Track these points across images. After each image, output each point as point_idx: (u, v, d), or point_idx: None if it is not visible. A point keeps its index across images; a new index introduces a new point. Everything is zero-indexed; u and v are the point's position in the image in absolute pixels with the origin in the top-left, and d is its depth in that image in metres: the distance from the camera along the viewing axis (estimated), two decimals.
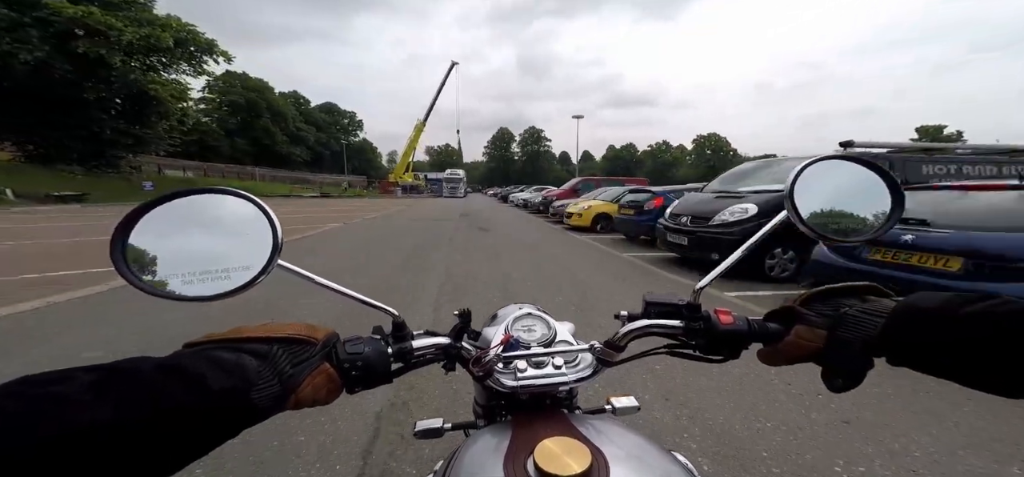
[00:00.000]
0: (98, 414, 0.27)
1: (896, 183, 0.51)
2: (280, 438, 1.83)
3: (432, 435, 0.64)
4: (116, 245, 0.40)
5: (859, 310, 0.43)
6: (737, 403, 2.18)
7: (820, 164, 0.52)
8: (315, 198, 35.08)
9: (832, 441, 1.87)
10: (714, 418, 2.05)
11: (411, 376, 0.65)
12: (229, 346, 0.37)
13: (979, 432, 1.95)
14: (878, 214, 0.51)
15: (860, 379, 0.44)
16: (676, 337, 0.53)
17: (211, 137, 51.94)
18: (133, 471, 0.28)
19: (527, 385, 0.51)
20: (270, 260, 0.44)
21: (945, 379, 0.38)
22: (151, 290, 0.40)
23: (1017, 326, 0.34)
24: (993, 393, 0.36)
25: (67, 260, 5.83)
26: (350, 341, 0.45)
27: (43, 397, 0.27)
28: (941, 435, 1.93)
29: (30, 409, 0.26)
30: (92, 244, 7.31)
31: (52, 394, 0.27)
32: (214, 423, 0.32)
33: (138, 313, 3.47)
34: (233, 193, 0.46)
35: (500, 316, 0.64)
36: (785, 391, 2.29)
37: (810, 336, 0.45)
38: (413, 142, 50.75)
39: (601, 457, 0.39)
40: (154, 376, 0.31)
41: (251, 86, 58.49)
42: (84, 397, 0.27)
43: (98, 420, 0.27)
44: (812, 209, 0.50)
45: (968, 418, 2.06)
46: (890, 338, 0.40)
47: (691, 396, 2.25)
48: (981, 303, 0.37)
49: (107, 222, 8.29)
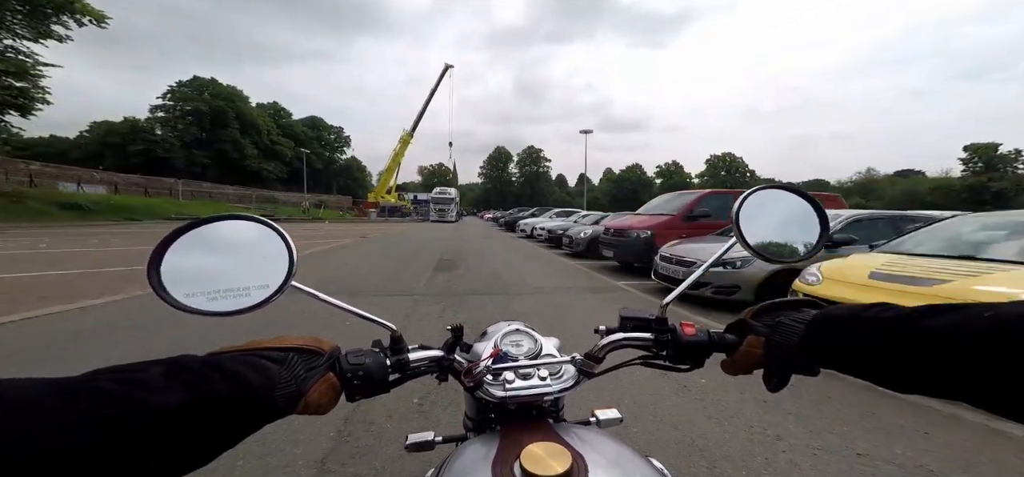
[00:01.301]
0: (168, 398, 0.31)
1: (823, 211, 0.59)
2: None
3: (424, 448, 0.66)
4: (152, 265, 0.45)
5: (790, 319, 0.48)
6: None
7: (760, 193, 0.59)
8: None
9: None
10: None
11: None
12: (253, 353, 0.41)
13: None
14: (808, 238, 0.58)
15: (788, 379, 0.49)
16: (648, 349, 0.57)
17: (161, 147, 44.95)
18: (185, 453, 0.32)
19: (514, 395, 0.54)
20: (285, 280, 0.49)
21: (858, 377, 0.42)
22: (180, 306, 0.44)
23: (898, 329, 0.38)
24: (889, 389, 0.40)
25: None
26: (352, 353, 0.48)
27: (127, 381, 0.31)
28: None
29: (116, 391, 0.30)
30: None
31: (133, 379, 0.31)
32: (246, 415, 0.36)
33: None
34: (256, 220, 0.51)
35: (490, 332, 0.66)
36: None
37: (756, 343, 0.50)
38: (398, 156, 43.58)
39: (581, 461, 0.42)
40: (205, 370, 0.35)
41: (220, 93, 51.97)
42: (156, 382, 0.32)
43: (167, 403, 0.31)
44: (754, 232, 0.56)
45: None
46: (809, 343, 0.45)
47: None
48: (874, 310, 0.41)
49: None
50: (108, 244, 11.54)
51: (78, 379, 0.30)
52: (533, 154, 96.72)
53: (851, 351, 0.42)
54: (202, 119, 49.76)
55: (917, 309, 0.38)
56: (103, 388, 0.30)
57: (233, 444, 0.36)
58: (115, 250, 10.29)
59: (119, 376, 0.31)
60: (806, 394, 2.62)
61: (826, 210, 0.59)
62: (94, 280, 6.30)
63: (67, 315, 4.33)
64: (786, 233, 0.58)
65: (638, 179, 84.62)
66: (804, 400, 2.56)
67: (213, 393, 0.34)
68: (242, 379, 0.37)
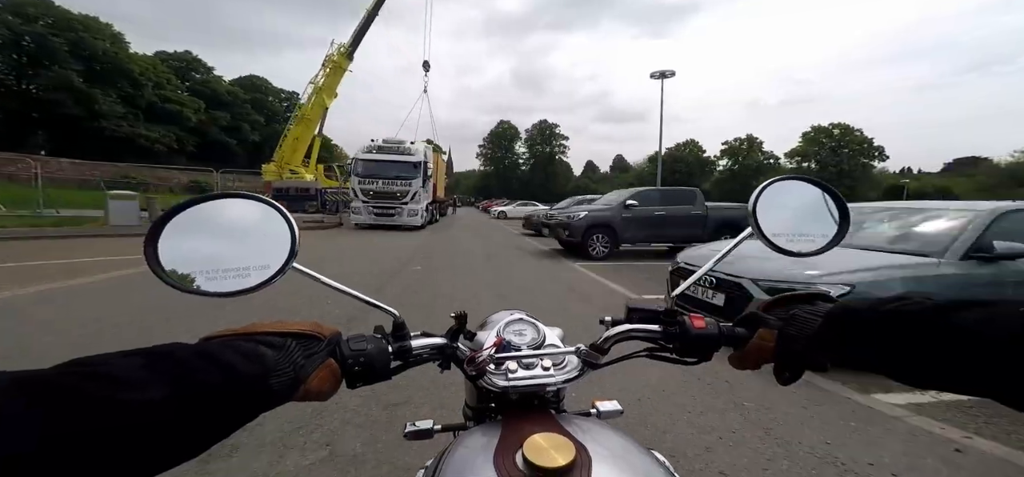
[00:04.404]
0: (148, 392, 0.29)
1: (843, 201, 0.58)
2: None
3: (422, 436, 0.65)
4: (149, 244, 0.42)
5: (805, 312, 0.47)
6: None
7: (778, 183, 0.58)
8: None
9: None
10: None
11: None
12: (249, 338, 0.40)
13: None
14: (828, 230, 0.57)
15: (800, 373, 0.48)
16: (655, 341, 0.57)
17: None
18: (172, 446, 0.30)
19: (517, 385, 0.53)
20: (287, 261, 0.47)
21: (875, 372, 0.41)
22: (178, 285, 0.43)
23: (925, 324, 0.37)
24: (908, 384, 0.39)
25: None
26: (353, 338, 0.47)
27: (100, 376, 0.28)
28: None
29: (87, 387, 0.27)
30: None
31: (106, 374, 0.29)
32: (238, 405, 0.35)
33: None
34: (257, 199, 0.49)
35: (493, 321, 0.65)
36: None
37: (768, 337, 0.49)
38: (322, 93, 21.58)
39: (585, 452, 0.41)
40: (191, 360, 0.33)
41: (61, 22, 32.00)
42: (134, 376, 0.29)
43: (148, 398, 0.29)
44: (771, 224, 0.56)
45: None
46: (827, 336, 0.44)
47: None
48: (895, 303, 0.40)
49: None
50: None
51: (47, 373, 0.27)
52: (545, 130, 76.27)
53: (871, 345, 0.41)
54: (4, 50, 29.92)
55: (946, 304, 0.38)
56: (68, 385, 0.27)
57: (226, 435, 0.34)
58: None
59: (89, 371, 0.29)
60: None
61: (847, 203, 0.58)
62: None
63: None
64: (805, 225, 0.57)
65: (694, 158, 64.27)
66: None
67: (200, 384, 0.32)
68: (233, 368, 0.35)
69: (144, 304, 4.10)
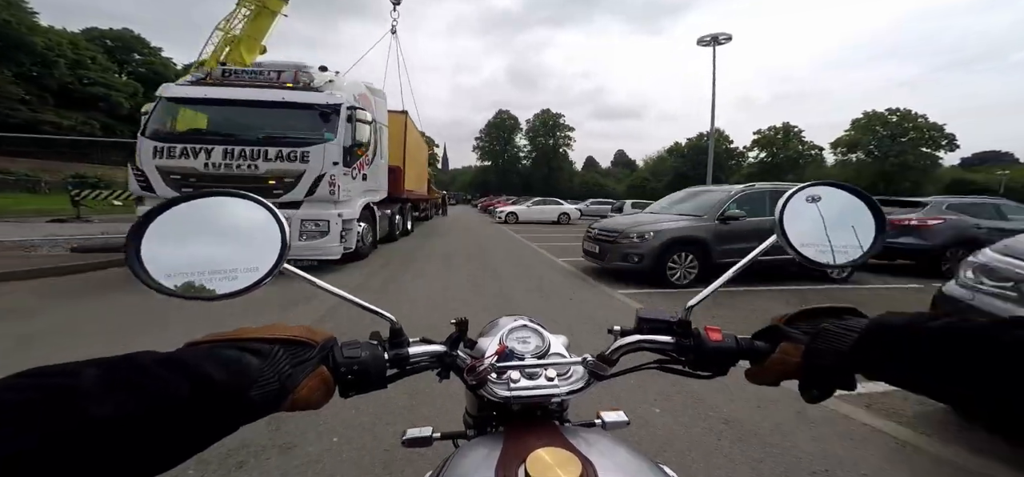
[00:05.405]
0: (104, 407, 0.27)
1: (879, 208, 0.54)
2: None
3: (421, 444, 0.63)
4: (130, 244, 0.41)
5: (836, 326, 0.44)
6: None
7: (808, 190, 0.55)
8: None
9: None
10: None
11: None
12: (233, 345, 0.38)
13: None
14: (862, 239, 0.53)
15: (831, 391, 0.45)
16: (667, 353, 0.54)
17: None
18: (134, 463, 0.28)
19: (520, 396, 0.51)
20: (277, 262, 0.45)
21: (913, 392, 0.39)
22: (162, 289, 0.41)
23: (978, 343, 0.35)
24: (955, 405, 0.42)
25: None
26: (348, 345, 0.45)
27: (52, 389, 0.27)
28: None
29: (38, 400, 0.26)
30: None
31: (60, 386, 0.27)
32: (214, 418, 0.33)
33: None
34: (245, 197, 0.47)
35: (495, 327, 0.63)
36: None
37: (792, 351, 0.46)
38: (241, 46, 12.99)
39: (591, 468, 0.40)
40: (157, 371, 0.31)
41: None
42: (91, 389, 0.27)
43: (104, 413, 0.27)
44: (800, 233, 0.52)
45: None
46: (861, 352, 0.41)
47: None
48: (942, 321, 0.38)
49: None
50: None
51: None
52: (549, 121, 68.76)
53: (914, 364, 0.38)
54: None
55: (1002, 322, 0.35)
56: (8, 401, 0.25)
57: (200, 449, 0.32)
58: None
59: (40, 381, 0.27)
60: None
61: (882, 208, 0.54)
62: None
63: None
64: (836, 234, 0.53)
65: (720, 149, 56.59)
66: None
67: (162, 395, 0.30)
68: (206, 378, 0.32)
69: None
